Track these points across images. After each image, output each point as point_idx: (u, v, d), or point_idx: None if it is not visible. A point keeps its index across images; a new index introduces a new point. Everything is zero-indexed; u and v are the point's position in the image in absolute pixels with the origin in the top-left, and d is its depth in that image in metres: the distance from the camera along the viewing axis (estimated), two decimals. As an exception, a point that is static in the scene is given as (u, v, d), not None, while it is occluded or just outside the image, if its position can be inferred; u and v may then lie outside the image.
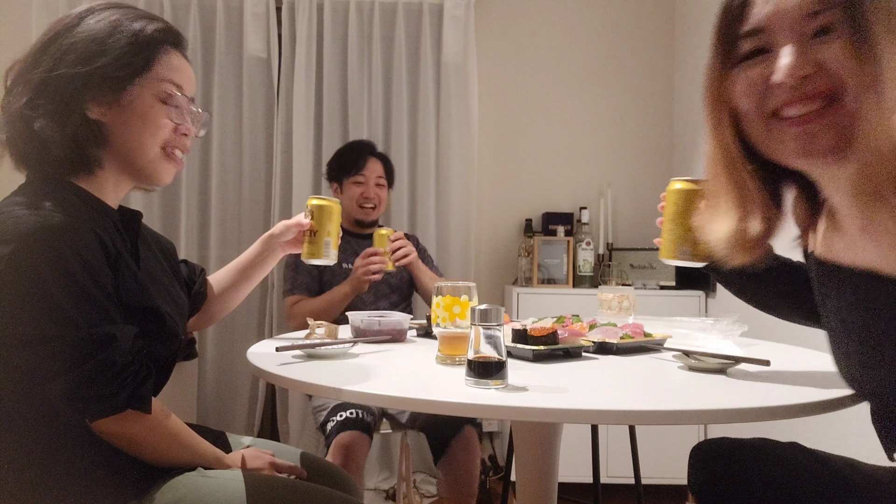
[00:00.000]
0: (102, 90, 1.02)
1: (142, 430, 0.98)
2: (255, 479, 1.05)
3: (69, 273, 0.91)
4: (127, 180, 1.10)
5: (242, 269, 1.43)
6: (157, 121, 1.07)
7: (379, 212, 2.40)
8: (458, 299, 1.08)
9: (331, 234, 1.42)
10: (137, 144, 1.06)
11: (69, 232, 0.93)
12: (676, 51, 3.15)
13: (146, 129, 1.06)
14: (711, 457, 1.16)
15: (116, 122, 1.04)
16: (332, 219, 1.43)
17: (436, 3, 3.01)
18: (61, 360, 0.90)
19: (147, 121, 1.06)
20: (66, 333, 0.90)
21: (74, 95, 1.00)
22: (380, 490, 2.88)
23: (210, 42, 2.98)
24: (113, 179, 1.08)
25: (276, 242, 1.43)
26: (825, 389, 0.91)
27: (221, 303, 1.43)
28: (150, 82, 1.05)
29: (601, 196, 3.07)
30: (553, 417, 0.91)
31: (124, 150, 1.06)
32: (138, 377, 0.95)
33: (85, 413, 0.94)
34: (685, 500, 1.23)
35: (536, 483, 1.22)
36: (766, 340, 1.46)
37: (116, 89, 1.03)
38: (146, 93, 1.05)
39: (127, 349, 0.94)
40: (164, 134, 1.08)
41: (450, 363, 1.07)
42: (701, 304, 2.70)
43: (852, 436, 1.71)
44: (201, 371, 2.88)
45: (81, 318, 0.91)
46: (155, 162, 1.09)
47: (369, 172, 2.35)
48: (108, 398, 0.92)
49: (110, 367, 0.92)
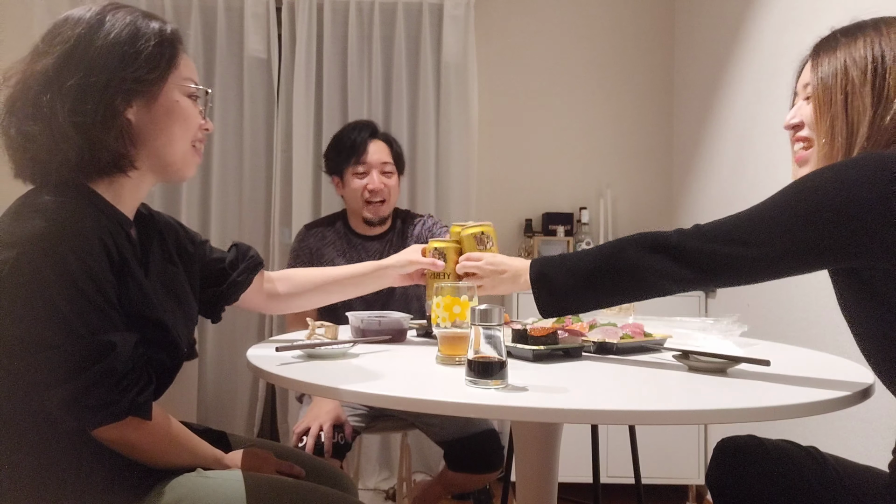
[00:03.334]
0: (139, 92, 1.02)
1: (142, 437, 0.98)
2: (255, 479, 1.05)
3: (72, 279, 0.90)
4: (152, 178, 1.11)
5: (342, 279, 1.46)
6: (188, 117, 1.09)
7: (390, 206, 2.07)
8: (458, 299, 1.08)
9: (448, 276, 1.39)
10: (170, 141, 1.07)
11: (73, 238, 0.92)
12: (676, 51, 3.15)
13: (180, 126, 1.08)
14: (734, 455, 1.17)
15: (150, 122, 1.05)
16: (454, 258, 1.39)
17: (436, 3, 3.01)
18: (61, 369, 0.90)
19: (180, 118, 1.08)
20: (67, 341, 0.90)
21: (114, 99, 1.00)
22: (380, 490, 2.88)
23: (211, 42, 2.98)
24: (136, 181, 1.07)
25: (395, 273, 1.45)
26: (825, 389, 0.91)
27: (300, 299, 1.45)
28: (177, 80, 1.07)
29: (601, 196, 3.07)
30: (553, 417, 0.91)
31: (157, 149, 1.07)
32: (139, 385, 0.95)
33: (85, 422, 0.93)
34: (685, 499, 1.23)
35: (536, 483, 1.22)
36: (766, 340, 1.46)
37: (151, 90, 1.04)
38: (175, 91, 1.07)
39: (128, 357, 0.94)
40: (194, 127, 1.11)
41: (450, 363, 1.07)
42: (701, 304, 2.70)
43: (852, 436, 1.71)
44: (201, 371, 2.89)
45: (83, 326, 0.90)
46: (186, 157, 1.11)
47: (372, 159, 2.00)
48: (109, 406, 0.92)
49: (111, 375, 0.91)
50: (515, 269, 1.26)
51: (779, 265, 0.92)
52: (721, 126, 2.67)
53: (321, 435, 1.74)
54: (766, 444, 1.15)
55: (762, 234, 0.92)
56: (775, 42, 2.27)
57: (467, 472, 1.99)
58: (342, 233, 2.10)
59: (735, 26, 2.54)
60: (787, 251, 0.90)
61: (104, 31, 1.01)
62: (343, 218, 2.14)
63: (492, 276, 1.30)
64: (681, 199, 3.06)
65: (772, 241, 0.91)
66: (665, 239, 1.01)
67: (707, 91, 2.79)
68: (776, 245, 0.90)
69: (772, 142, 2.27)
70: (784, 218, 0.91)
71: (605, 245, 1.10)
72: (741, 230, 0.94)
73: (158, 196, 2.93)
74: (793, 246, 0.90)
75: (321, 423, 1.76)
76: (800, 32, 2.11)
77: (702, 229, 0.99)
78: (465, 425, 1.92)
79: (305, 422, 1.78)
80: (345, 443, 1.78)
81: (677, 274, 0.99)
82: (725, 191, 2.59)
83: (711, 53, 2.77)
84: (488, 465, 1.98)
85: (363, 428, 1.94)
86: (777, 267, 0.92)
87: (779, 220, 0.91)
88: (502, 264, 1.30)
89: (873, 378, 0.99)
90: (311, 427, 1.75)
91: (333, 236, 2.09)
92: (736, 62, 2.55)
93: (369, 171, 2.00)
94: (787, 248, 0.90)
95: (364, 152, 2.00)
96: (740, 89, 2.52)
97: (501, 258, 1.32)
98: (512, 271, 1.27)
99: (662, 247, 1.01)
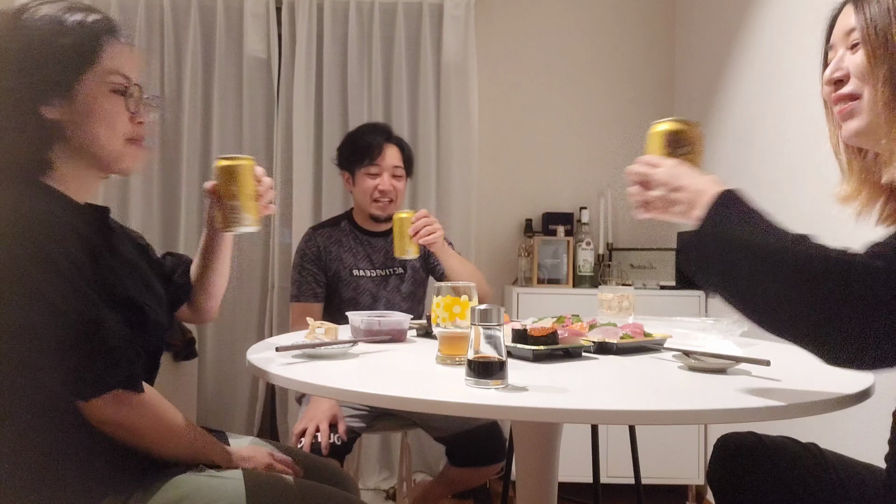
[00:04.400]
0: (54, 91, 1.01)
1: (136, 417, 0.98)
2: (256, 479, 1.05)
3: (52, 263, 0.92)
4: (95, 173, 1.10)
5: (202, 257, 1.33)
6: (110, 115, 1.05)
7: (396, 206, 2.14)
8: (458, 299, 1.08)
9: (236, 196, 1.21)
10: (95, 139, 1.05)
11: (45, 223, 0.94)
12: (677, 51, 3.15)
13: (102, 122, 1.05)
14: (735, 451, 1.16)
15: (72, 120, 1.03)
16: (236, 180, 1.22)
17: (436, 3, 3.01)
18: (52, 347, 0.91)
19: (102, 114, 1.04)
20: (53, 322, 0.91)
21: (27, 101, 0.99)
22: (380, 490, 2.88)
23: (210, 42, 2.98)
24: (77, 175, 1.07)
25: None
26: (825, 389, 0.91)
27: (202, 295, 1.36)
28: (99, 75, 1.04)
29: (601, 196, 3.07)
30: (553, 417, 0.91)
31: (84, 146, 1.05)
32: (128, 359, 0.96)
33: (79, 394, 0.94)
34: (685, 500, 1.23)
35: (536, 483, 1.22)
36: (766, 340, 1.45)
37: (67, 87, 1.02)
38: (97, 86, 1.04)
39: (116, 333, 0.95)
40: (122, 125, 1.07)
41: (450, 363, 1.07)
42: (701, 304, 2.70)
43: (852, 436, 1.71)
44: (201, 371, 2.88)
45: (67, 307, 0.92)
46: (118, 154, 1.08)
47: (385, 162, 2.08)
48: (101, 379, 0.94)
49: (102, 348, 0.93)
50: (694, 194, 0.91)
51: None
52: (721, 126, 2.67)
53: (318, 435, 1.76)
54: (767, 440, 1.15)
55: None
56: (775, 42, 2.27)
57: (470, 466, 2.01)
58: (348, 230, 2.16)
59: (735, 26, 2.54)
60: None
61: (20, 29, 1.00)
62: (347, 217, 2.21)
63: (664, 193, 0.95)
64: (681, 199, 3.06)
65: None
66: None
67: (707, 91, 2.79)
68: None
69: (772, 142, 2.27)
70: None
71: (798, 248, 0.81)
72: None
73: (158, 196, 2.93)
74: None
75: (317, 423, 1.79)
76: (800, 32, 2.11)
77: None
78: (467, 420, 1.94)
79: (302, 423, 1.82)
80: (341, 443, 1.79)
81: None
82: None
83: (711, 53, 2.77)
84: (491, 458, 2.00)
85: (364, 428, 1.95)
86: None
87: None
88: (681, 180, 0.94)
89: (873, 378, 0.99)
90: (308, 427, 1.78)
91: (339, 235, 2.15)
92: (736, 62, 2.55)
93: (381, 172, 2.08)
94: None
95: (380, 156, 2.08)
96: (740, 89, 2.52)
97: (683, 172, 0.95)
98: (689, 196, 0.92)
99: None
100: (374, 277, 2.12)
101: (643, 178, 0.99)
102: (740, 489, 1.12)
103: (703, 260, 0.87)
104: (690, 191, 0.92)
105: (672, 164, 0.97)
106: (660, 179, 0.96)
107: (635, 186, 1.01)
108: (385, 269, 2.14)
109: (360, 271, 2.11)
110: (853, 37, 0.92)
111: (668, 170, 0.96)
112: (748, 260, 0.82)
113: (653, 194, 0.97)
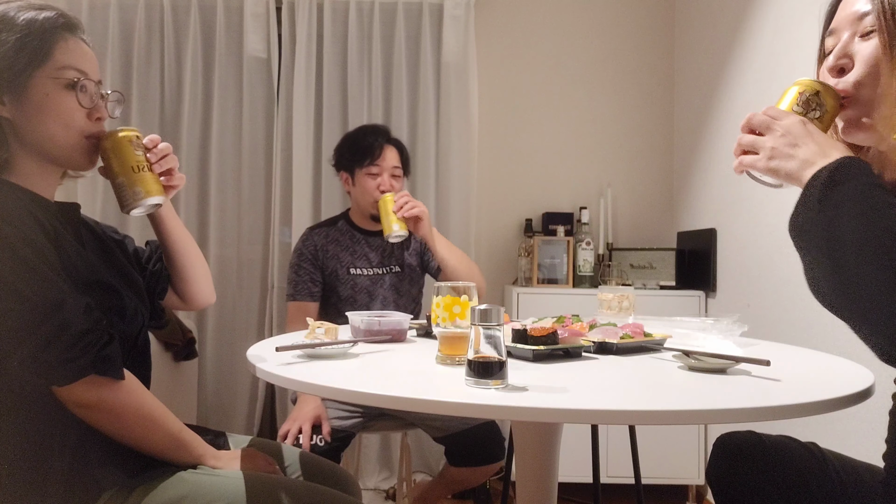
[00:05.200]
0: (5, 89, 1.01)
1: (111, 398, 0.97)
2: (256, 479, 1.05)
3: (9, 247, 0.92)
4: (54, 169, 1.09)
5: (160, 241, 1.30)
6: (65, 110, 1.04)
7: None
8: (458, 299, 1.08)
9: (118, 174, 1.12)
10: (49, 136, 1.04)
11: (6, 212, 0.94)
12: (676, 50, 3.15)
13: (56, 119, 1.04)
14: (734, 450, 1.16)
15: (24, 117, 1.02)
16: (112, 156, 1.11)
17: (436, 3, 3.01)
18: (15, 331, 0.91)
19: (55, 111, 1.04)
20: (14, 305, 0.91)
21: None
22: (380, 490, 2.88)
23: (210, 42, 2.98)
24: (39, 172, 1.07)
25: None
26: (825, 389, 0.91)
27: (179, 280, 1.32)
28: (51, 72, 1.03)
29: (601, 196, 3.07)
30: (553, 417, 0.91)
31: (38, 144, 1.04)
32: (100, 342, 0.95)
33: (50, 379, 0.94)
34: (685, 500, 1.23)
35: (536, 483, 1.22)
36: (766, 340, 1.46)
37: (18, 85, 1.01)
38: (49, 83, 1.03)
39: (80, 314, 0.94)
40: (77, 121, 1.06)
41: (450, 363, 1.07)
42: (701, 304, 2.70)
43: (852, 435, 1.71)
44: (201, 371, 2.89)
45: (27, 289, 0.92)
46: (76, 150, 1.07)
47: (385, 163, 2.11)
48: (70, 362, 0.93)
49: (65, 329, 0.92)
50: (814, 154, 0.84)
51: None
52: (721, 126, 2.67)
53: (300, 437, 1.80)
54: (766, 440, 1.15)
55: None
56: (775, 42, 2.27)
57: (470, 465, 2.02)
58: (345, 230, 2.18)
59: (735, 26, 2.54)
60: None
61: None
62: (344, 217, 2.23)
63: (783, 144, 0.88)
64: (681, 198, 3.06)
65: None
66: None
67: (707, 90, 2.79)
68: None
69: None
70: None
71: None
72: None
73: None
74: None
75: (300, 424, 1.81)
76: (799, 32, 2.11)
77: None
78: (466, 419, 1.96)
79: (287, 424, 1.85)
80: (325, 444, 1.81)
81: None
82: (726, 190, 2.59)
83: (711, 53, 2.77)
84: (491, 457, 2.01)
85: (363, 428, 1.95)
86: None
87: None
88: (806, 137, 0.87)
89: (873, 378, 0.99)
90: (291, 429, 1.81)
91: (336, 234, 2.17)
92: (736, 62, 2.55)
93: (381, 173, 2.11)
94: None
95: (380, 156, 2.11)
96: (740, 89, 2.52)
97: (813, 130, 0.88)
98: (808, 154, 0.85)
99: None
100: (371, 276, 2.13)
101: (765, 125, 0.91)
102: (740, 488, 1.12)
103: (808, 226, 0.79)
104: (812, 150, 0.85)
105: (800, 120, 0.89)
106: (784, 128, 0.88)
107: (747, 135, 0.93)
108: (382, 268, 2.15)
109: (357, 270, 2.12)
110: (865, 23, 0.86)
111: (795, 123, 0.88)
112: (857, 241, 0.73)
113: (769, 143, 0.89)
